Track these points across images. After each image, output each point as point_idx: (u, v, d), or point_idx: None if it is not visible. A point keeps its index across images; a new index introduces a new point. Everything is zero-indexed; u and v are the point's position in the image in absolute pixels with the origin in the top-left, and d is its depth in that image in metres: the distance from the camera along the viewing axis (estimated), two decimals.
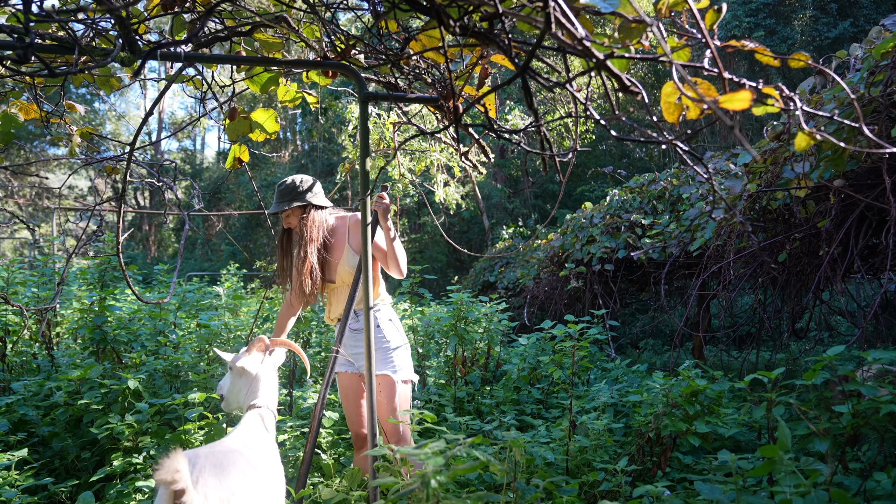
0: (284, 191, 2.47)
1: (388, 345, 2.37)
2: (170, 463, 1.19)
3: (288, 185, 2.47)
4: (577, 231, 6.21)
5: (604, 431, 2.79)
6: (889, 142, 2.41)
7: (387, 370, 2.34)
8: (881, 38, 2.54)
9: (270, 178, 21.64)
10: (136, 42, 1.25)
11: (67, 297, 5.03)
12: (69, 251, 10.49)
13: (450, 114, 1.72)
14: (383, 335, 2.37)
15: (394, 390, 2.33)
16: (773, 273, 3.75)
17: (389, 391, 2.33)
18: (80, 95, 22.27)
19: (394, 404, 2.33)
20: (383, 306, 2.43)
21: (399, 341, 2.41)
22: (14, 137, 1.91)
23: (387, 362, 2.35)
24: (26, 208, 19.73)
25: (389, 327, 2.40)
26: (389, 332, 2.39)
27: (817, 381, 1.86)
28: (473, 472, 1.47)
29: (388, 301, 2.48)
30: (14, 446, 2.75)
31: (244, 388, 1.99)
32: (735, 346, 7.02)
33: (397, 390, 2.33)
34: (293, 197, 2.45)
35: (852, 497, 1.75)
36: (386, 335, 2.37)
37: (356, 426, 2.49)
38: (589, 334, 3.19)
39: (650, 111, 0.99)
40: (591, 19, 1.20)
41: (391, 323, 2.42)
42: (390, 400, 2.32)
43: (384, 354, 2.36)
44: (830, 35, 14.34)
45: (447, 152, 7.39)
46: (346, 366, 2.49)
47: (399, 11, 1.40)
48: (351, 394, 2.49)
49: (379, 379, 2.32)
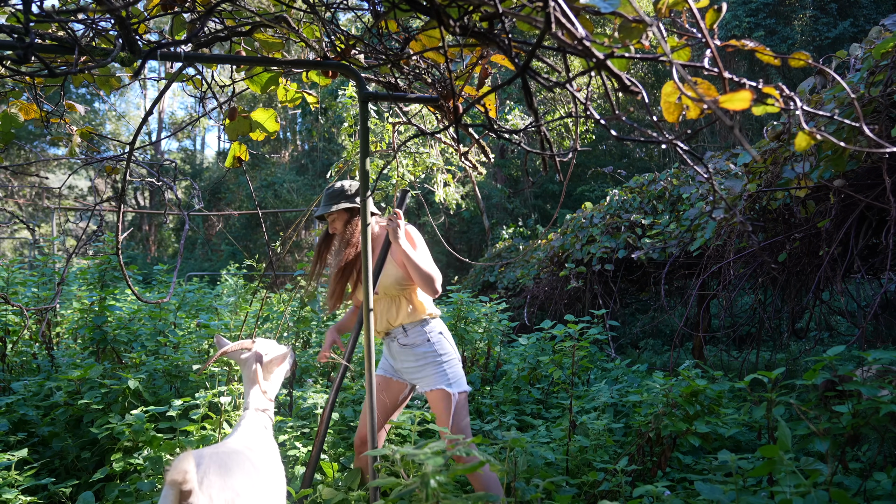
0: (333, 193, 2.42)
1: (441, 358, 2.32)
2: (179, 463, 1.19)
3: (337, 189, 2.43)
4: (577, 231, 6.21)
5: (604, 431, 2.79)
6: (889, 142, 2.41)
7: (442, 384, 2.28)
8: (881, 38, 2.54)
9: (270, 178, 21.64)
10: (136, 42, 1.25)
11: (67, 297, 5.03)
12: (69, 251, 10.49)
13: (450, 114, 1.72)
14: (434, 349, 2.33)
15: (450, 403, 2.27)
16: (773, 273, 3.75)
17: (447, 405, 2.26)
18: (80, 95, 22.28)
19: (452, 418, 2.26)
20: (432, 320, 2.40)
21: (451, 354, 2.36)
22: (14, 137, 1.91)
23: (441, 376, 2.30)
24: (26, 208, 19.73)
25: (441, 341, 2.36)
26: (441, 345, 2.35)
27: (817, 381, 1.86)
28: (473, 471, 1.47)
29: (437, 314, 2.44)
30: (14, 446, 2.75)
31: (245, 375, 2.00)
32: (735, 346, 7.02)
33: (453, 402, 2.27)
34: (341, 200, 2.40)
35: (852, 497, 1.75)
36: (437, 349, 2.33)
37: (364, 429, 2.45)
38: (589, 334, 3.19)
39: (650, 111, 0.99)
40: (591, 19, 1.20)
41: (442, 336, 2.38)
42: (449, 413, 2.25)
43: (437, 368, 2.31)
44: (830, 35, 14.34)
45: (447, 153, 7.39)
46: (391, 373, 2.46)
47: (399, 11, 1.40)
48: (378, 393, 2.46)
49: (436, 394, 2.28)
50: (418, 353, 2.33)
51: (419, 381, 2.36)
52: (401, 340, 2.38)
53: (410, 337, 2.36)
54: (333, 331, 2.52)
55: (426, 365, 2.31)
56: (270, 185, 21.21)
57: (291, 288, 4.84)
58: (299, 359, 4.29)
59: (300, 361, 4.26)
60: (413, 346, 2.34)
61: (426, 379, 2.32)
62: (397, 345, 2.40)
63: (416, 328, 2.36)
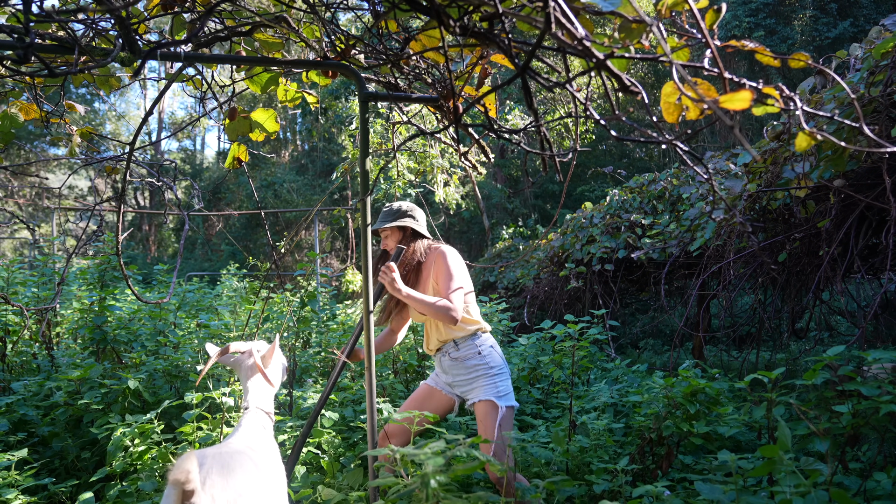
0: (391, 211, 2.50)
1: (492, 371, 2.35)
2: (182, 463, 1.20)
3: (395, 208, 2.50)
4: (577, 231, 6.21)
5: (604, 431, 2.79)
6: (889, 141, 2.41)
7: (491, 396, 2.31)
8: (881, 38, 2.54)
9: (270, 178, 21.64)
10: (136, 42, 1.25)
11: (67, 297, 5.03)
12: (69, 251, 10.49)
13: (450, 114, 1.72)
14: (486, 361, 2.36)
15: (497, 415, 2.29)
16: (773, 273, 3.75)
17: (493, 416, 2.29)
18: (80, 95, 22.27)
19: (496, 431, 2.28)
20: (482, 334, 2.43)
21: (502, 367, 2.39)
22: (14, 137, 1.91)
23: (491, 388, 2.33)
24: (26, 208, 19.73)
25: (492, 353, 2.40)
26: (492, 357, 2.38)
27: (817, 381, 1.86)
28: (473, 471, 1.47)
29: (488, 328, 2.48)
30: (14, 446, 2.75)
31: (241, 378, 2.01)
32: (735, 346, 7.02)
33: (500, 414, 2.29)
34: (397, 217, 2.47)
35: (852, 497, 1.75)
36: (489, 361, 2.36)
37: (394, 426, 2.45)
38: (589, 334, 3.19)
39: (650, 111, 0.99)
40: (591, 19, 1.20)
41: (493, 349, 2.42)
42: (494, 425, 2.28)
43: (488, 380, 2.34)
44: (830, 35, 14.34)
45: (448, 153, 7.39)
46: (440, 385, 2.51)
47: (399, 11, 1.40)
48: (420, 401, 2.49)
49: (484, 405, 2.30)
50: (469, 365, 2.36)
51: (469, 392, 2.38)
52: (452, 354, 2.41)
53: (462, 350, 2.39)
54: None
55: (477, 377, 2.35)
56: (270, 185, 21.20)
57: (292, 288, 4.84)
58: (299, 359, 4.29)
59: (300, 361, 4.26)
60: (465, 360, 2.37)
61: (476, 390, 2.34)
62: (448, 359, 2.43)
63: (467, 342, 2.39)
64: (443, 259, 2.37)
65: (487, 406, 2.29)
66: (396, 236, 2.50)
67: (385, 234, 2.52)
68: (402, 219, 2.48)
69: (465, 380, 2.38)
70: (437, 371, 2.55)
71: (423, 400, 2.50)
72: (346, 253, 19.98)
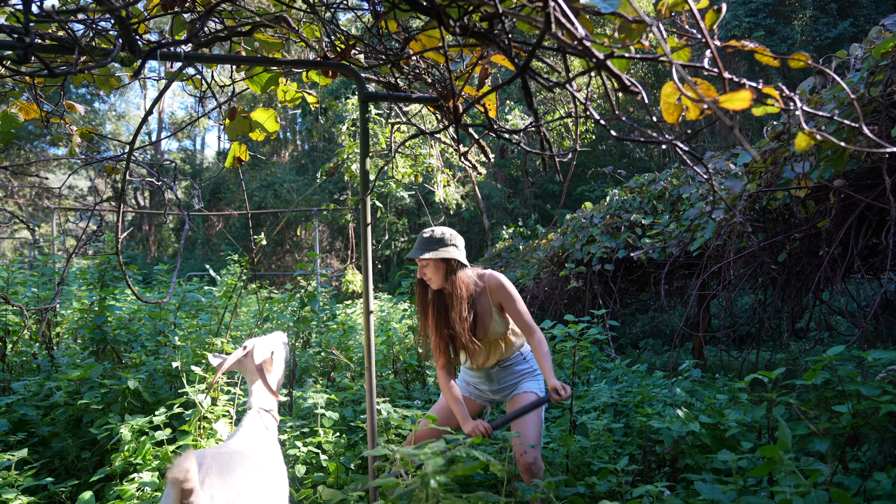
0: (432, 239, 2.40)
1: (535, 373, 2.57)
2: (182, 462, 1.20)
3: (437, 236, 2.40)
4: (577, 231, 6.21)
5: (604, 431, 2.79)
6: (889, 142, 2.41)
7: (535, 389, 2.51)
8: (881, 38, 2.54)
9: (270, 178, 21.63)
10: (136, 42, 1.25)
11: (67, 297, 5.03)
12: (69, 251, 10.49)
13: (450, 114, 1.72)
14: (530, 365, 2.58)
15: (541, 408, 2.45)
16: (773, 273, 3.75)
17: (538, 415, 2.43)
18: (80, 95, 22.27)
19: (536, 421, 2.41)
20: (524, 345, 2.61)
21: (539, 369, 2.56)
22: (14, 137, 1.91)
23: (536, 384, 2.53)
24: (26, 208, 19.73)
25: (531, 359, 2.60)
26: (533, 362, 2.59)
27: (817, 381, 1.86)
28: (473, 471, 1.47)
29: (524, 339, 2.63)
30: (14, 446, 2.75)
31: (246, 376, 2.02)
32: (735, 346, 7.02)
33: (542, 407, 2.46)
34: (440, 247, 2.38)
35: (852, 497, 1.75)
36: (532, 365, 2.58)
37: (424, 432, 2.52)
38: (589, 334, 3.19)
39: (650, 111, 0.99)
40: (591, 19, 1.20)
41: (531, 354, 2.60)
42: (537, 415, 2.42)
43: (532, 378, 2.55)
44: (830, 35, 14.34)
45: (448, 153, 7.39)
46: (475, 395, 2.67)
47: (399, 11, 1.40)
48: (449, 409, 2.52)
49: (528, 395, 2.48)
50: (517, 370, 2.56)
51: (513, 387, 2.56)
52: (502, 364, 2.57)
53: (510, 360, 2.57)
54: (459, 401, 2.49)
55: (524, 379, 2.56)
56: (270, 185, 21.19)
57: (291, 288, 4.84)
58: (299, 359, 4.29)
59: (300, 361, 4.26)
60: (513, 366, 2.57)
61: (523, 385, 2.54)
62: (498, 368, 2.57)
63: (516, 353, 2.59)
64: (503, 286, 2.46)
65: (531, 396, 2.48)
66: (436, 265, 2.38)
67: (423, 263, 2.41)
68: (445, 248, 2.36)
69: (513, 382, 2.56)
70: (474, 381, 2.65)
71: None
72: (346, 253, 19.98)
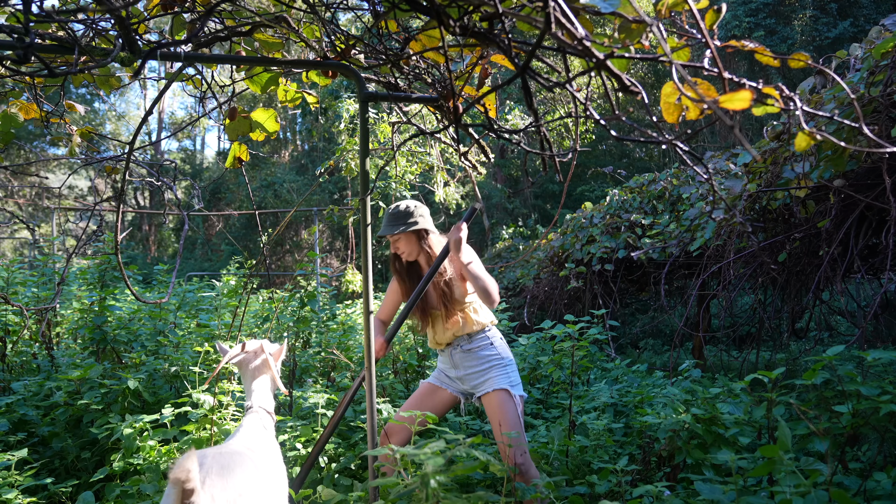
0: (398, 214, 2.46)
1: (503, 361, 2.41)
2: (183, 462, 1.20)
3: (402, 210, 2.47)
4: (577, 231, 6.21)
5: (603, 431, 2.79)
6: (889, 142, 2.41)
7: (505, 385, 2.35)
8: (881, 38, 2.54)
9: (270, 178, 21.62)
10: (136, 42, 1.25)
11: (67, 297, 5.03)
12: (69, 251, 10.48)
13: (450, 114, 1.72)
14: (498, 353, 2.42)
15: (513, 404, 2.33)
16: (773, 273, 3.75)
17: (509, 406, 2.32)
18: (80, 95, 22.26)
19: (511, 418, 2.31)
20: (493, 327, 2.50)
21: (511, 359, 2.45)
22: (14, 137, 1.91)
23: (504, 378, 2.37)
24: (26, 208, 19.73)
25: (503, 345, 2.47)
26: (504, 349, 2.45)
27: (817, 381, 1.86)
28: (473, 471, 1.47)
29: (496, 322, 2.54)
30: (14, 446, 2.75)
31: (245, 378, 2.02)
32: (735, 346, 7.02)
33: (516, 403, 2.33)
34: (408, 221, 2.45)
35: (852, 497, 1.75)
36: (501, 353, 2.43)
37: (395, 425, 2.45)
38: (589, 334, 3.18)
39: (650, 111, 0.99)
40: (591, 19, 1.20)
41: (502, 342, 2.49)
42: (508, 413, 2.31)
43: (501, 371, 2.39)
44: (830, 35, 14.33)
45: (448, 153, 7.39)
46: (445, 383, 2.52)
47: (399, 11, 1.40)
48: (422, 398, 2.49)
49: (498, 395, 2.33)
50: (482, 356, 2.40)
51: (481, 384, 2.39)
52: (464, 347, 2.44)
53: (474, 343, 2.43)
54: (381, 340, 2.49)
55: (491, 367, 2.38)
56: (270, 185, 21.18)
57: (291, 287, 4.84)
58: (299, 359, 4.29)
59: (300, 361, 4.26)
60: (478, 350, 2.42)
61: (489, 381, 2.37)
62: (460, 351, 2.45)
63: (480, 335, 2.44)
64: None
65: (502, 395, 2.31)
66: (409, 238, 2.47)
67: (395, 239, 2.48)
68: (413, 221, 2.45)
69: (477, 371, 2.40)
70: (444, 367, 2.55)
71: (425, 397, 2.49)
72: (345, 253, 19.98)
